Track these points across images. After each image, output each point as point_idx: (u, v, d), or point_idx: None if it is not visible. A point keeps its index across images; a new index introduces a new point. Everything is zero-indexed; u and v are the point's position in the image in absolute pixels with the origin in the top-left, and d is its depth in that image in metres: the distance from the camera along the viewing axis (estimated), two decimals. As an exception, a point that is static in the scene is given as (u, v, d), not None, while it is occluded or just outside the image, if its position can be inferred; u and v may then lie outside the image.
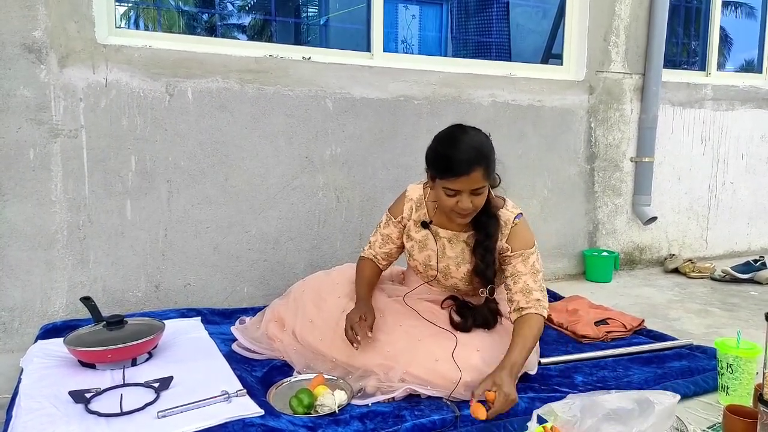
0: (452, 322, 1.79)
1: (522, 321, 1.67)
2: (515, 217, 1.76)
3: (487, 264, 1.75)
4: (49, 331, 2.05)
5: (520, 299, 1.70)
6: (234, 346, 1.96)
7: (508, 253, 1.74)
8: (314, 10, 3.69)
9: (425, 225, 1.83)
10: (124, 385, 1.63)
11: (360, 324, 1.68)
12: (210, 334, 2.07)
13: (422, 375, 1.62)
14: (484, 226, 1.73)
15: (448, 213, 1.70)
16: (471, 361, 1.62)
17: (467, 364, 1.61)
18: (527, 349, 1.61)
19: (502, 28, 3.48)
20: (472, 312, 1.81)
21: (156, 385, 1.61)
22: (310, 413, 1.53)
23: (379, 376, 1.66)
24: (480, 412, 1.42)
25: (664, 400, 1.34)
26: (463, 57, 3.25)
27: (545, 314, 1.69)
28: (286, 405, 1.56)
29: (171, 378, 1.65)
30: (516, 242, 1.74)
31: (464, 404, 1.57)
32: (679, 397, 1.39)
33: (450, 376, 1.59)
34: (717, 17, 3.69)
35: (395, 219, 1.89)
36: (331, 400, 1.55)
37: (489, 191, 1.69)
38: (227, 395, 1.55)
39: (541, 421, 1.38)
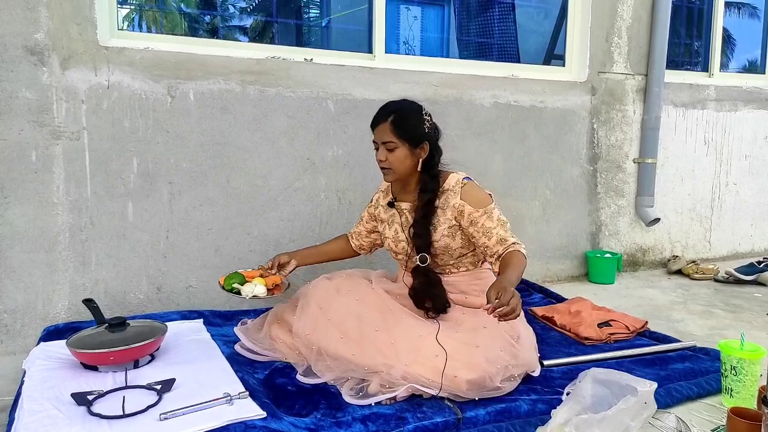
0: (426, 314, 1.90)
1: (507, 255, 1.79)
2: (463, 178, 1.92)
3: (422, 226, 1.88)
4: (51, 333, 2.05)
5: (499, 249, 1.82)
6: (236, 347, 1.96)
7: (470, 211, 1.86)
8: (316, 12, 3.69)
9: (391, 204, 2.04)
10: (127, 387, 1.63)
11: (278, 259, 2.03)
12: (212, 336, 2.06)
13: (423, 372, 1.62)
14: (424, 190, 1.90)
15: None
16: (472, 359, 1.62)
17: (469, 361, 1.61)
18: (517, 273, 1.72)
19: (509, 30, 3.47)
20: (417, 293, 1.91)
21: (158, 387, 1.61)
22: (232, 291, 1.91)
23: (382, 374, 1.65)
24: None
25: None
26: (469, 59, 3.22)
27: (525, 252, 1.80)
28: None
29: (173, 380, 1.65)
30: (472, 199, 1.87)
31: (466, 405, 1.57)
32: (655, 384, 1.44)
33: (451, 373, 1.59)
34: (720, 17, 3.68)
35: (370, 204, 2.18)
36: (250, 289, 1.88)
37: (429, 163, 1.90)
38: (229, 397, 1.55)
39: None
